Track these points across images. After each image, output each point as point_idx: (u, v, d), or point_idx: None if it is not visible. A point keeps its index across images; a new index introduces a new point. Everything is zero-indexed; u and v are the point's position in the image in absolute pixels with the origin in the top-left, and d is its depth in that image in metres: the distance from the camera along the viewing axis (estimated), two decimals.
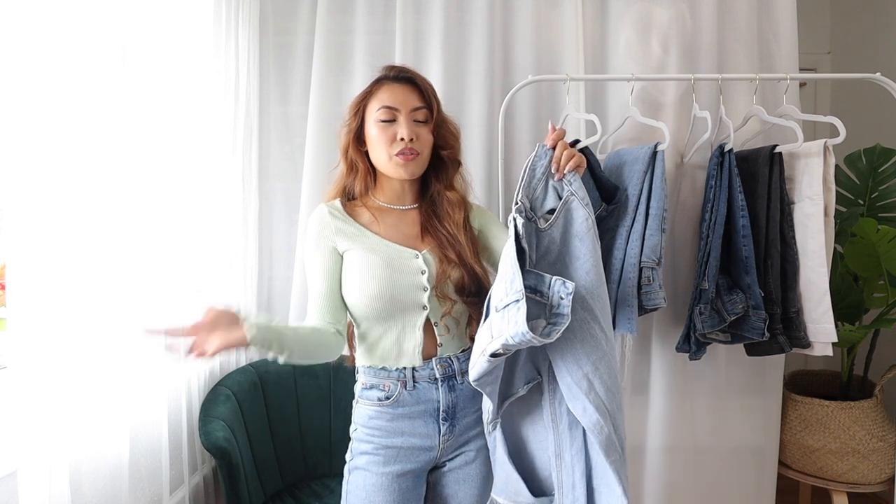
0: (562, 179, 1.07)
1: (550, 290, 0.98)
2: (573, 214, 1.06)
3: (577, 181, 1.07)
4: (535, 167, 1.09)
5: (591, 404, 0.99)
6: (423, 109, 1.16)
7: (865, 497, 2.18)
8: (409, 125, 1.13)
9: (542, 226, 1.06)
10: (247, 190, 1.88)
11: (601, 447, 1.00)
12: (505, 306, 0.96)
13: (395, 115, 1.14)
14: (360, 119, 1.18)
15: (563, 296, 0.96)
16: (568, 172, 1.07)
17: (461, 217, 1.19)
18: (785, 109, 1.61)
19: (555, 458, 1.10)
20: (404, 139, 1.12)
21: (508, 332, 0.92)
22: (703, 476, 1.90)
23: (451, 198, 1.20)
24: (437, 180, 1.21)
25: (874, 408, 1.78)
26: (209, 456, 1.65)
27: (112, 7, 1.22)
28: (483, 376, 1.01)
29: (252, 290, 1.92)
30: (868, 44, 2.60)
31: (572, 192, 1.06)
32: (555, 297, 0.97)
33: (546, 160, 1.09)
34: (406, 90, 1.15)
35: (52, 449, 1.03)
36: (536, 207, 1.08)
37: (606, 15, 1.89)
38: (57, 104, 1.06)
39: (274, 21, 1.99)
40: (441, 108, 1.20)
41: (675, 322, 1.78)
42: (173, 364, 1.47)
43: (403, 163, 1.13)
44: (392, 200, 1.20)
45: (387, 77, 1.18)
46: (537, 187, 1.08)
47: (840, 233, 1.72)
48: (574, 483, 1.07)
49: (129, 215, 1.28)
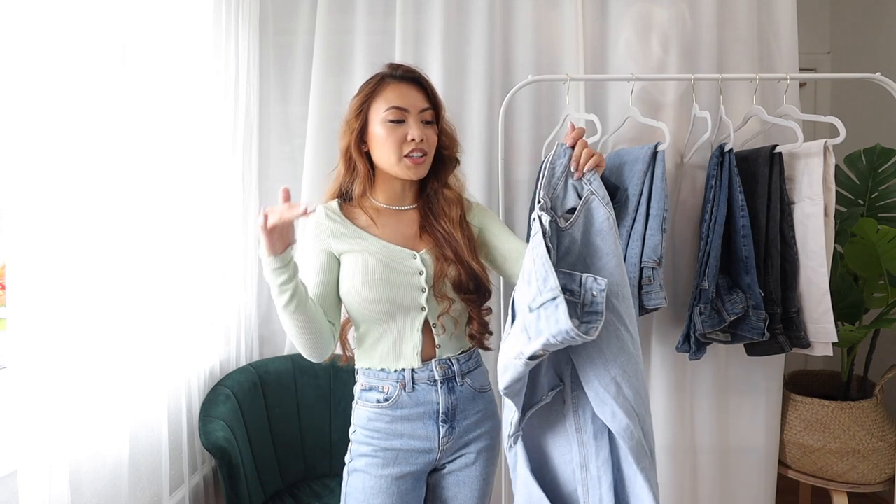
0: (581, 178, 1.06)
1: (582, 288, 0.95)
2: (594, 213, 1.03)
3: (596, 180, 1.05)
4: (555, 166, 1.07)
5: (620, 409, 0.95)
6: (429, 110, 1.15)
7: (865, 497, 2.18)
8: (420, 126, 1.12)
9: (562, 225, 1.04)
10: (247, 190, 1.88)
11: (632, 453, 0.96)
12: (540, 305, 0.92)
13: (404, 115, 1.12)
14: (363, 119, 1.15)
15: (596, 292, 0.93)
16: (588, 171, 1.06)
17: (457, 214, 1.18)
18: (785, 109, 1.61)
19: (580, 471, 1.06)
20: (415, 140, 1.11)
21: (550, 330, 0.88)
22: (703, 476, 1.90)
23: (447, 195, 1.19)
24: (436, 179, 1.21)
25: (874, 408, 1.78)
26: (209, 456, 1.65)
27: (112, 7, 1.22)
28: (513, 383, 0.98)
29: (252, 289, 1.92)
30: (868, 44, 2.60)
31: (592, 191, 1.04)
32: (587, 295, 0.94)
33: (565, 159, 1.07)
34: (413, 90, 1.14)
35: (52, 449, 1.03)
36: (556, 206, 1.06)
37: (606, 15, 1.89)
38: (57, 104, 1.06)
39: (274, 21, 1.99)
40: (443, 109, 1.20)
41: (675, 322, 1.78)
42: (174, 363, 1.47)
43: (413, 165, 1.12)
44: (391, 201, 1.20)
45: (392, 76, 1.15)
46: (557, 186, 1.07)
47: (840, 233, 1.72)
48: (601, 496, 1.03)
49: (129, 215, 1.28)
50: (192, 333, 1.56)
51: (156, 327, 1.38)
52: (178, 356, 1.49)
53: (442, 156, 1.20)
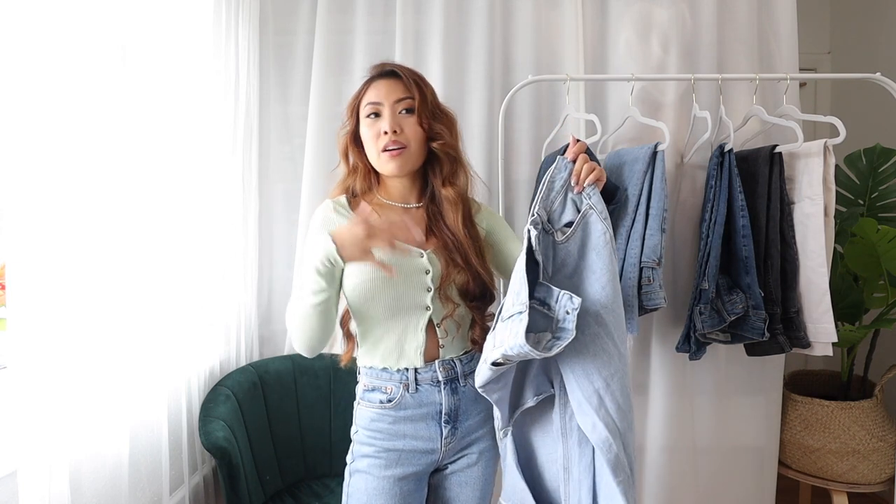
0: (581, 192, 1.06)
1: (557, 304, 0.97)
2: (591, 228, 1.04)
3: (596, 195, 1.05)
4: (555, 180, 1.07)
5: (600, 421, 0.98)
6: (406, 100, 1.13)
7: (865, 497, 2.18)
8: (392, 117, 1.11)
9: (559, 238, 1.05)
10: (247, 190, 1.88)
11: (609, 466, 0.98)
12: (509, 316, 0.96)
13: (379, 109, 1.12)
14: (355, 120, 1.18)
15: (569, 310, 0.95)
16: (588, 186, 1.06)
17: (458, 216, 1.15)
18: (785, 109, 1.61)
19: (563, 472, 1.09)
20: (387, 132, 1.10)
21: (508, 342, 0.92)
22: (703, 476, 1.90)
23: (447, 195, 1.16)
24: (434, 176, 1.18)
25: (874, 408, 1.78)
26: (209, 456, 1.65)
27: (112, 7, 1.21)
28: (488, 383, 1.01)
29: (252, 290, 1.92)
30: (868, 44, 2.60)
31: (591, 206, 1.05)
32: (560, 312, 0.96)
33: (566, 173, 1.07)
34: (389, 83, 1.14)
35: (52, 449, 1.03)
36: (554, 220, 1.07)
37: (606, 15, 1.89)
38: (57, 104, 1.06)
39: (274, 21, 1.99)
40: (431, 97, 1.16)
41: (675, 322, 1.78)
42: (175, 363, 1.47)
43: (389, 158, 1.11)
44: (396, 198, 1.19)
45: (374, 76, 1.17)
46: (555, 200, 1.07)
47: (840, 233, 1.72)
48: (581, 499, 1.06)
49: (129, 215, 1.28)
50: (192, 333, 1.56)
51: (156, 327, 1.38)
52: (178, 356, 1.49)
53: (432, 149, 1.15)
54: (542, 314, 0.97)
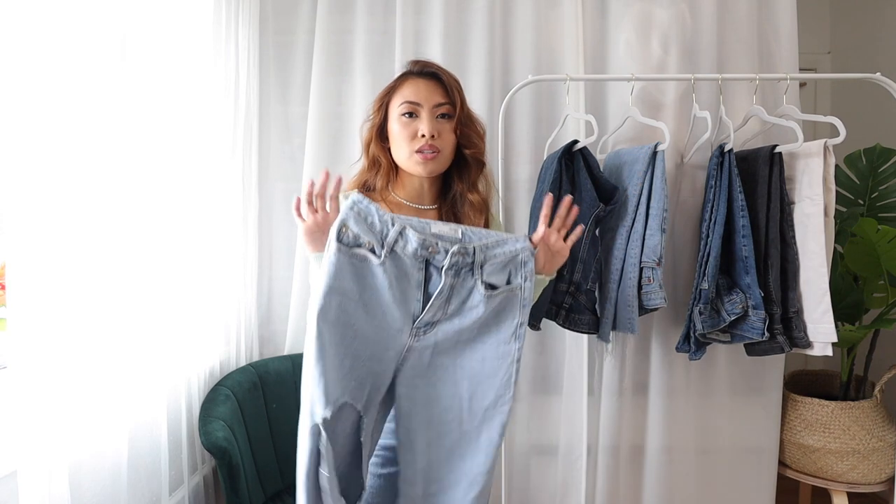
0: (524, 266, 0.99)
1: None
2: (508, 312, 0.98)
3: (532, 277, 1.00)
4: (507, 242, 1.00)
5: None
6: (446, 105, 1.13)
7: (865, 497, 2.18)
8: (431, 121, 1.10)
9: (482, 291, 0.97)
10: (247, 190, 1.88)
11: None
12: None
13: (416, 110, 1.11)
14: (383, 114, 1.16)
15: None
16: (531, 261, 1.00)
17: (481, 221, 1.15)
18: (785, 109, 1.61)
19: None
20: (425, 135, 1.10)
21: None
22: (703, 476, 1.89)
23: (472, 200, 1.16)
24: (460, 180, 1.18)
25: (874, 408, 1.78)
26: (209, 456, 1.65)
27: (111, 7, 1.21)
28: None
29: (252, 290, 1.92)
30: (868, 44, 2.60)
31: (521, 286, 0.99)
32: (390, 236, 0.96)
33: (519, 246, 1.00)
34: (430, 85, 1.13)
35: (51, 449, 1.03)
36: (485, 270, 0.99)
37: (606, 15, 1.89)
38: (56, 104, 1.06)
39: (274, 21, 1.99)
40: (466, 105, 1.17)
41: (675, 322, 1.78)
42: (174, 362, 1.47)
43: (422, 161, 1.11)
44: (411, 198, 1.19)
45: (411, 72, 1.15)
46: (497, 256, 1.00)
47: (840, 233, 1.72)
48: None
49: (129, 215, 1.28)
50: (192, 333, 1.56)
51: (156, 327, 1.38)
52: (177, 356, 1.49)
53: (464, 155, 1.16)
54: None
